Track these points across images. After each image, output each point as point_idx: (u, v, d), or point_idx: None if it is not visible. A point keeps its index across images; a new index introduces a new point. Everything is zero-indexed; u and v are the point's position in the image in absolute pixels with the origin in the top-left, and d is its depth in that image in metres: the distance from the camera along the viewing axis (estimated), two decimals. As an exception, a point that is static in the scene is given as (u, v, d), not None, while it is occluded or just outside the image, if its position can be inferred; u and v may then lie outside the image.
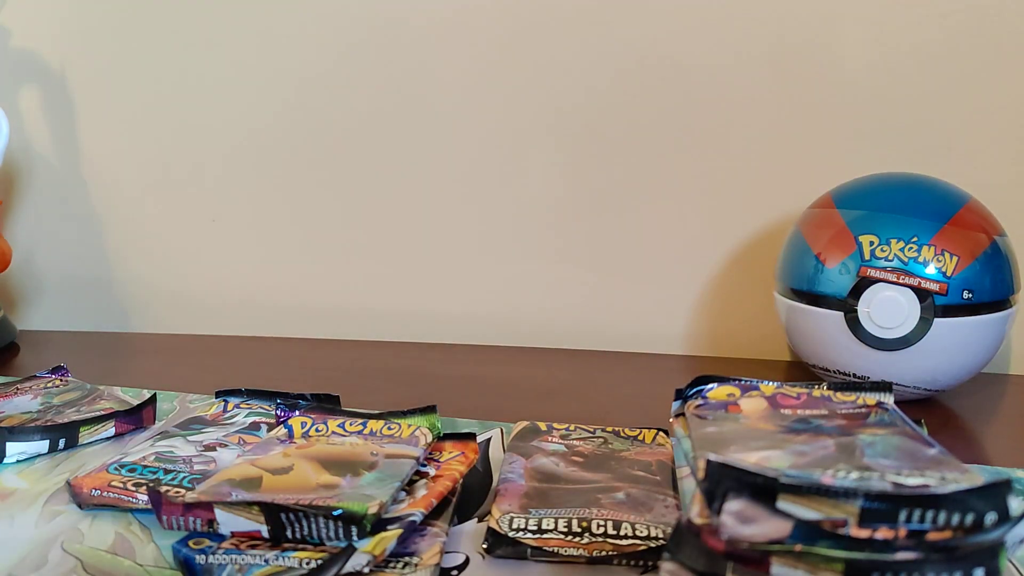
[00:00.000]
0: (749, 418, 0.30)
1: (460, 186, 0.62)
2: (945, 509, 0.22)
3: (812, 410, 0.31)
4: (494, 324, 0.64)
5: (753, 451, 0.26)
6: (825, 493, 0.23)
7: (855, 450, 0.26)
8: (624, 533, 0.30)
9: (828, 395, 0.32)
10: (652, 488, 0.34)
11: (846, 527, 0.23)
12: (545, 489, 0.34)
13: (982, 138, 0.53)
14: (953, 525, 0.22)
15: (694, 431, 0.29)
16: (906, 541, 0.22)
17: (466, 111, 0.61)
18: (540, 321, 0.63)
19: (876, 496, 0.22)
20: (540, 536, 0.30)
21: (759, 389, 0.33)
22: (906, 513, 0.22)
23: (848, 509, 0.23)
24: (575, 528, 0.30)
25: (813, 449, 0.26)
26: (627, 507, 0.32)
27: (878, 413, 0.31)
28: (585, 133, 0.59)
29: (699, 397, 0.33)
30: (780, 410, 0.31)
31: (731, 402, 0.32)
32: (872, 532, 0.23)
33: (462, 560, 0.30)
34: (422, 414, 0.39)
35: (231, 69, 0.65)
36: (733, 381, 0.33)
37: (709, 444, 0.27)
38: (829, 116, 0.55)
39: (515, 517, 0.31)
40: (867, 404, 0.31)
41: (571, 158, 0.60)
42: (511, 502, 0.32)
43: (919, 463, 0.25)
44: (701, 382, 0.33)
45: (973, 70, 0.53)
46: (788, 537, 0.22)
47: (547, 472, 0.35)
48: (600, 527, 0.30)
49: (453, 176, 0.62)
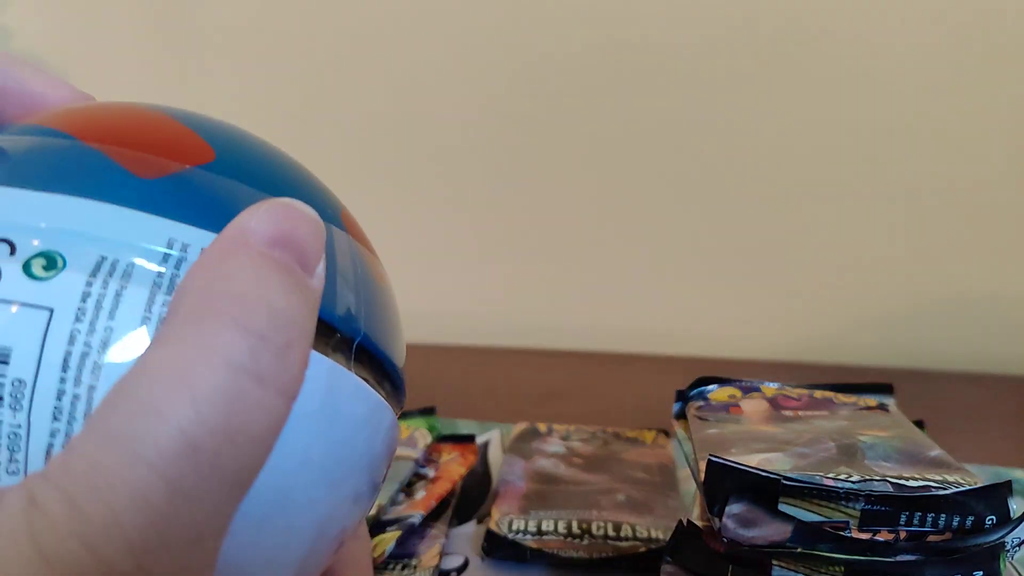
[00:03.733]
0: (750, 420, 0.30)
1: (458, 184, 0.62)
2: (945, 511, 0.22)
3: (813, 411, 0.31)
4: (494, 324, 0.64)
5: (754, 453, 0.26)
6: (826, 495, 0.23)
7: (856, 452, 0.26)
8: (624, 535, 0.30)
9: (829, 396, 0.32)
10: (652, 490, 0.34)
11: (847, 529, 0.23)
12: (545, 491, 0.34)
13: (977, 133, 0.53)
14: (953, 527, 0.22)
15: (695, 433, 0.29)
16: (906, 543, 0.22)
17: (464, 109, 0.61)
18: (540, 321, 0.63)
19: (877, 498, 0.22)
20: (540, 538, 0.30)
21: (760, 390, 0.33)
22: (907, 515, 0.22)
23: (849, 511, 0.23)
24: (575, 530, 0.30)
25: (814, 451, 0.26)
26: (627, 509, 0.32)
27: (879, 414, 0.30)
28: (584, 132, 0.59)
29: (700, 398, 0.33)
30: (781, 411, 0.31)
31: (732, 403, 0.32)
32: (873, 534, 0.22)
33: (461, 562, 0.30)
34: (421, 415, 0.39)
35: (231, 69, 0.65)
36: (734, 382, 0.33)
37: (710, 446, 0.27)
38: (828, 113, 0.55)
39: (515, 519, 0.31)
40: (868, 405, 0.31)
41: (571, 158, 0.60)
42: (511, 504, 0.32)
43: (920, 465, 0.25)
44: (702, 383, 0.33)
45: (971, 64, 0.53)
46: (789, 539, 0.22)
47: (547, 474, 0.35)
48: (600, 529, 0.30)
49: (451, 175, 0.62)
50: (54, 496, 0.13)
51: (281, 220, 0.16)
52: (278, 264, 0.15)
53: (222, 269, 0.15)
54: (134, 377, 0.14)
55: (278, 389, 0.14)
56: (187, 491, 0.13)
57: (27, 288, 0.15)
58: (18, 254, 0.16)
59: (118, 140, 0.18)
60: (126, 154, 0.18)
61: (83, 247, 0.16)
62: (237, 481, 0.14)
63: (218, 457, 0.14)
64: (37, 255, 0.16)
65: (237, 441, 0.14)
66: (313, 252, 0.16)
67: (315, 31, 0.63)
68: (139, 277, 0.16)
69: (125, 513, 0.13)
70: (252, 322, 0.14)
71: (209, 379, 0.14)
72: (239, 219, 0.16)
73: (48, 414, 0.15)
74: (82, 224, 0.16)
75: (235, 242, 0.15)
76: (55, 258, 0.16)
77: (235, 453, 0.14)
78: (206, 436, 0.13)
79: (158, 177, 0.17)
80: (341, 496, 0.18)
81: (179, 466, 0.13)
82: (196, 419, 0.13)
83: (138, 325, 0.16)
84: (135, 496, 0.13)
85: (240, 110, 0.66)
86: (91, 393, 0.15)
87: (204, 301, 0.14)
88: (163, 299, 0.16)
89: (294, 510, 0.17)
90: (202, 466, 0.13)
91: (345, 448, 0.18)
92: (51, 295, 0.15)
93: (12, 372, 0.15)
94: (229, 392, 0.14)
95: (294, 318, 0.15)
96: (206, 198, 0.18)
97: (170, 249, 0.16)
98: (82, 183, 0.17)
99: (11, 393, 0.15)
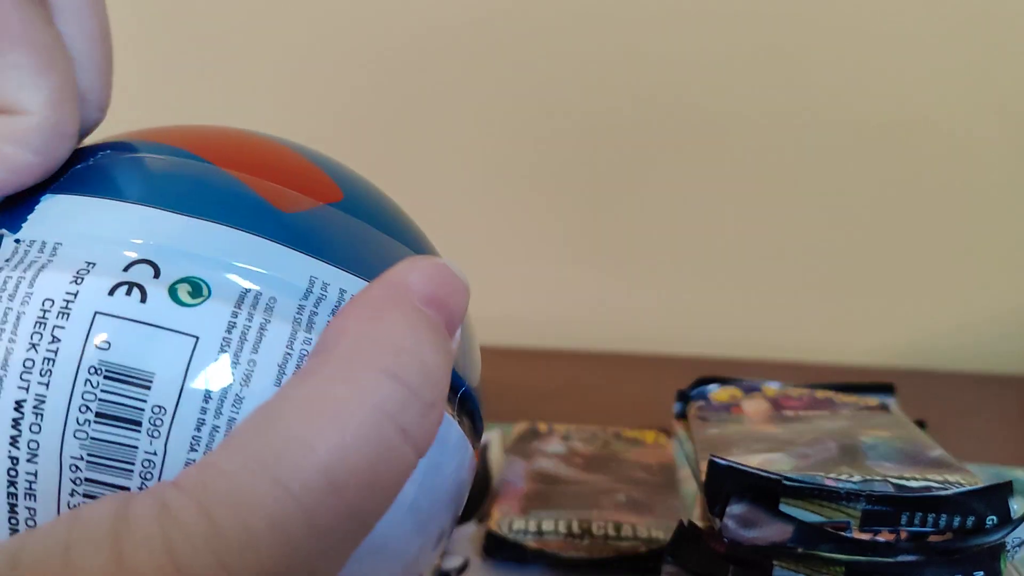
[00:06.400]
0: (751, 420, 0.30)
1: (459, 185, 0.62)
2: (946, 511, 0.22)
3: (814, 411, 0.31)
4: (494, 324, 0.64)
5: (756, 453, 0.26)
6: (828, 496, 0.23)
7: (857, 452, 0.26)
8: (625, 535, 0.30)
9: (830, 396, 0.32)
10: (653, 490, 0.34)
11: (848, 530, 0.23)
12: (545, 491, 0.34)
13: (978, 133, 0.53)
14: (954, 527, 0.22)
15: (696, 433, 0.29)
16: (907, 543, 0.22)
17: (463, 106, 0.61)
18: (541, 321, 0.63)
19: (878, 498, 0.22)
20: (540, 538, 0.30)
21: (761, 390, 0.33)
22: (908, 515, 0.22)
23: (850, 512, 0.23)
24: (575, 530, 0.30)
25: (815, 451, 0.26)
26: (628, 509, 0.32)
27: (880, 414, 0.30)
28: (583, 132, 0.59)
29: (701, 398, 0.33)
30: (782, 411, 0.31)
31: (733, 403, 0.32)
32: (874, 535, 0.22)
33: (461, 562, 0.30)
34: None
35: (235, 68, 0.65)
36: (736, 382, 0.33)
37: (711, 446, 0.27)
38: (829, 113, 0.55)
39: (515, 519, 0.31)
40: (869, 405, 0.31)
41: (571, 157, 0.60)
42: (511, 504, 0.32)
43: (921, 465, 0.25)
44: (703, 383, 0.33)
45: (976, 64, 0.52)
46: (790, 540, 0.22)
47: (547, 474, 0.35)
48: (600, 529, 0.30)
49: (452, 174, 0.62)
50: (189, 507, 0.13)
51: (438, 280, 0.16)
52: (432, 323, 0.15)
53: (380, 317, 0.15)
54: (279, 405, 0.14)
55: (416, 444, 0.14)
56: (322, 529, 0.13)
57: (173, 313, 0.15)
58: (162, 277, 0.15)
59: (254, 170, 0.18)
60: (265, 185, 0.17)
61: (227, 276, 0.16)
62: (364, 525, 0.14)
63: (356, 500, 0.14)
64: (182, 280, 0.15)
65: (374, 488, 0.14)
66: (459, 315, 0.16)
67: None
68: (281, 312, 0.16)
69: (263, 537, 0.13)
70: (406, 375, 0.14)
71: (360, 421, 0.14)
72: (399, 271, 0.16)
73: (186, 444, 0.15)
74: (225, 253, 0.16)
75: (395, 293, 0.15)
76: (200, 285, 0.15)
77: (370, 498, 0.14)
78: (350, 477, 0.13)
79: (297, 211, 0.17)
80: (429, 538, 0.18)
81: (320, 502, 0.13)
82: (343, 458, 0.13)
83: (280, 361, 0.15)
84: (274, 523, 0.13)
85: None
86: (231, 426, 0.15)
87: (359, 345, 0.14)
88: (303, 336, 0.16)
89: (390, 555, 0.17)
90: (340, 507, 0.13)
91: (442, 494, 0.18)
92: (197, 323, 0.15)
93: (153, 398, 0.15)
94: (377, 439, 0.14)
95: (441, 378, 0.15)
96: (343, 237, 0.17)
97: (311, 286, 0.16)
98: (225, 211, 0.16)
99: (150, 420, 0.15)
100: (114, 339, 0.15)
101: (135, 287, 0.15)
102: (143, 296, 0.15)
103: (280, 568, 0.13)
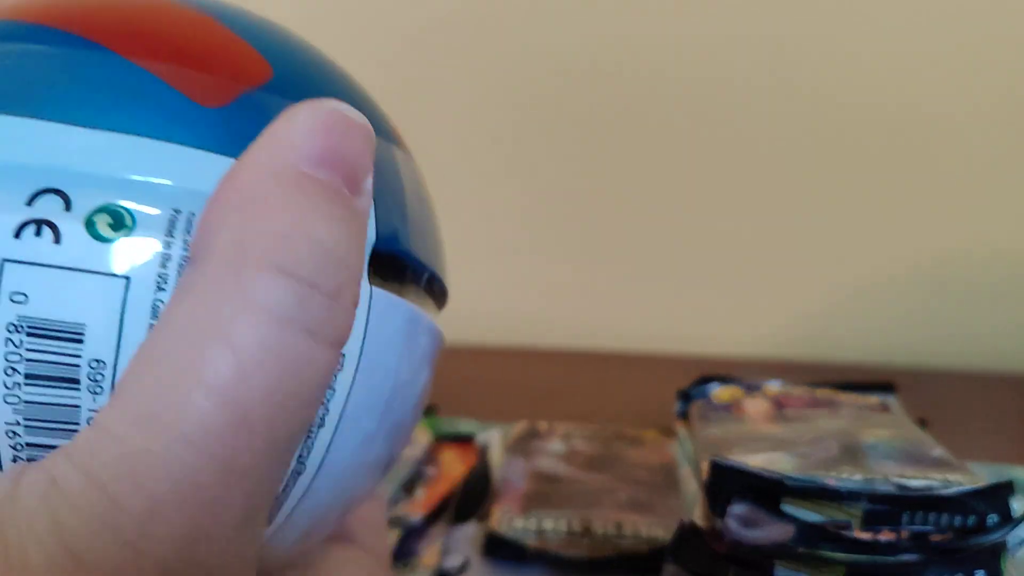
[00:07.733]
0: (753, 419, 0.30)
1: (459, 184, 0.62)
2: (948, 511, 0.22)
3: (815, 411, 0.31)
4: (494, 324, 0.64)
5: (757, 453, 0.26)
6: (829, 495, 0.23)
7: (858, 452, 0.26)
8: (626, 535, 0.30)
9: (831, 396, 0.32)
10: (654, 490, 0.34)
11: (849, 530, 0.22)
12: (546, 490, 0.34)
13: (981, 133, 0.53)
14: (955, 527, 0.22)
15: (697, 432, 0.29)
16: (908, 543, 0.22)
17: (462, 105, 0.61)
18: (540, 321, 0.63)
19: (880, 498, 0.22)
20: (541, 538, 0.30)
21: (762, 390, 0.33)
22: (909, 515, 0.22)
23: (852, 512, 0.23)
24: (576, 529, 0.30)
25: (817, 451, 0.26)
26: (629, 508, 0.32)
27: (881, 414, 0.30)
28: (583, 130, 0.59)
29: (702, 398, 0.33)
30: (783, 411, 0.31)
31: (735, 403, 0.32)
32: (875, 534, 0.22)
33: (461, 562, 0.30)
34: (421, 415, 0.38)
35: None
36: (737, 382, 0.33)
37: (712, 446, 0.27)
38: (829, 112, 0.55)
39: (515, 518, 0.31)
40: (870, 404, 0.31)
41: (572, 157, 0.60)
42: (511, 503, 0.32)
43: (922, 464, 0.25)
44: (704, 382, 0.33)
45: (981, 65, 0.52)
46: (791, 540, 0.22)
47: (548, 473, 0.35)
48: (601, 528, 0.30)
49: (451, 174, 0.62)
50: (79, 480, 0.11)
51: (324, 131, 0.13)
52: (323, 188, 0.13)
53: (255, 199, 0.12)
54: (159, 338, 0.12)
55: (330, 340, 0.12)
56: (239, 469, 0.12)
57: (94, 252, 0.13)
58: (75, 209, 0.13)
59: (166, 53, 0.14)
60: (182, 73, 0.14)
61: (152, 200, 0.13)
62: (288, 448, 0.12)
63: (271, 426, 0.12)
64: (99, 210, 0.13)
65: (289, 406, 0.12)
66: (361, 168, 0.13)
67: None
68: None
69: (169, 502, 0.11)
70: (296, 265, 0.12)
71: (253, 335, 0.11)
72: (274, 132, 0.13)
73: None
74: (144, 170, 0.13)
75: (269, 162, 0.13)
76: (121, 214, 0.13)
77: (287, 419, 0.12)
78: (256, 403, 0.11)
79: (223, 105, 0.14)
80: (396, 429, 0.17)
81: (229, 443, 0.11)
82: (242, 383, 0.11)
83: None
84: (180, 482, 0.11)
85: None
86: None
87: (238, 242, 0.12)
88: None
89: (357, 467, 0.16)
90: (254, 439, 0.12)
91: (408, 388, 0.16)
92: (125, 260, 0.13)
93: (88, 352, 0.13)
94: (278, 349, 0.12)
95: (344, 254, 0.12)
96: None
97: None
98: (137, 116, 0.14)
99: (89, 376, 0.13)
100: (30, 289, 0.13)
101: (45, 225, 0.13)
102: (56, 235, 0.13)
103: (199, 532, 0.11)
